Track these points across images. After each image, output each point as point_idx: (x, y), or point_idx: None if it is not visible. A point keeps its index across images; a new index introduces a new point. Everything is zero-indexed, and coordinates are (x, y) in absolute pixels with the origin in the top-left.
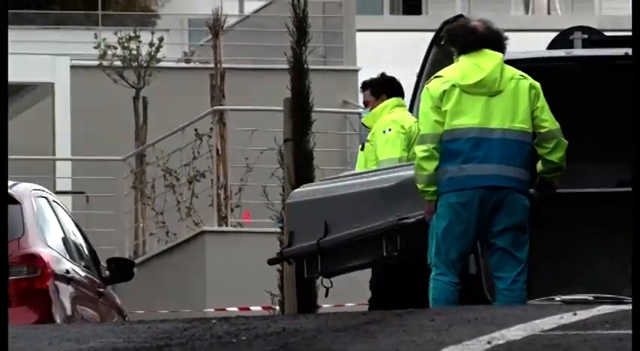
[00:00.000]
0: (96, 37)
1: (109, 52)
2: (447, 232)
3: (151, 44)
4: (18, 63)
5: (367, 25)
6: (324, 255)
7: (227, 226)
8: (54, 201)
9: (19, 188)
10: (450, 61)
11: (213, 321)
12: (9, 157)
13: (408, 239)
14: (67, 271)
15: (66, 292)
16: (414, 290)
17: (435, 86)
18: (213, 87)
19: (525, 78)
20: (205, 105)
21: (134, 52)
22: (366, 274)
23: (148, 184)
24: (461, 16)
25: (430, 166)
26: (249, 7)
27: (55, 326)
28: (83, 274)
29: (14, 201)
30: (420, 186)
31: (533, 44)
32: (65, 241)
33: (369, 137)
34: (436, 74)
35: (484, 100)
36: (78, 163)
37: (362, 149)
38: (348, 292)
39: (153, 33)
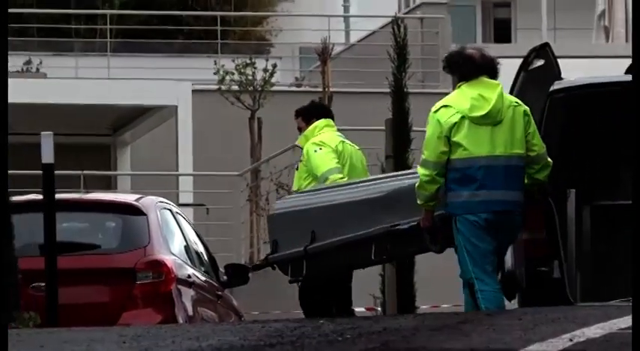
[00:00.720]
0: (215, 64)
1: (227, 77)
2: (476, 248)
3: (265, 70)
4: (146, 87)
5: None
6: (310, 260)
7: None
8: (177, 212)
9: (145, 201)
10: (535, 85)
11: (321, 321)
12: (138, 172)
13: (399, 245)
14: (189, 276)
15: (187, 295)
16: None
17: (445, 117)
18: None
19: (520, 105)
20: None
21: (250, 77)
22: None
23: (262, 197)
24: (547, 44)
25: (432, 188)
26: (355, 37)
27: (178, 326)
28: (203, 278)
29: (141, 212)
30: (420, 202)
31: (613, 70)
32: (187, 248)
33: (301, 157)
34: (444, 103)
35: (489, 129)
36: (199, 178)
37: (297, 169)
38: (444, 295)
39: (267, 60)
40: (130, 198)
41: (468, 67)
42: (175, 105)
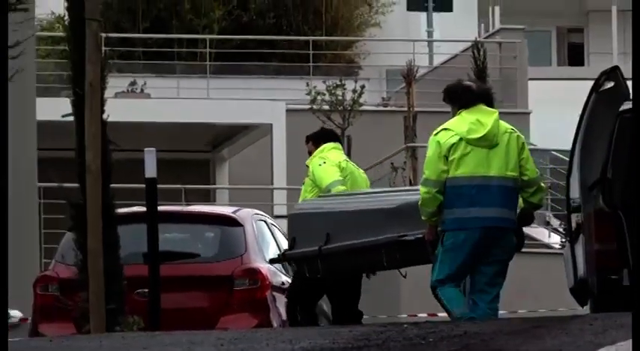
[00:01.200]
0: (307, 85)
1: (319, 97)
2: (455, 262)
3: (354, 91)
4: (243, 107)
5: (537, 75)
6: (324, 260)
7: None
8: (271, 224)
9: (242, 213)
10: (606, 106)
11: (405, 325)
12: (235, 186)
13: (405, 253)
14: (282, 283)
15: (281, 300)
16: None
17: (444, 138)
18: (407, 127)
19: (515, 132)
20: (399, 142)
21: (340, 97)
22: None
23: None
24: (617, 67)
25: (434, 205)
26: (437, 60)
27: (272, 330)
28: None
29: (238, 224)
30: (424, 217)
31: None
32: None
33: (308, 173)
34: (444, 127)
35: (485, 152)
36: (292, 191)
37: (303, 184)
38: (520, 301)
39: (356, 81)
40: (227, 210)
41: (467, 96)
42: (270, 123)
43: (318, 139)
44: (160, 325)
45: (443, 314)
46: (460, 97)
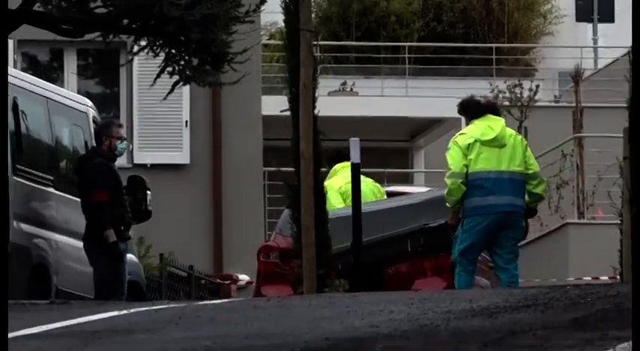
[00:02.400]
0: (491, 85)
1: (500, 95)
2: (472, 244)
3: (530, 90)
4: (436, 104)
5: None
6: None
7: (584, 219)
8: None
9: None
10: None
11: (568, 287)
12: (430, 170)
13: (428, 239)
14: None
15: None
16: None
17: (462, 140)
18: (575, 120)
19: (518, 135)
20: (568, 133)
21: (518, 95)
22: None
23: None
24: None
25: (458, 194)
26: (601, 63)
27: (455, 291)
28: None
29: None
30: (449, 205)
31: None
32: None
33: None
34: (461, 132)
35: (497, 151)
36: None
37: None
38: None
39: (532, 82)
40: (421, 190)
41: (477, 108)
42: (459, 118)
43: (329, 161)
44: (362, 288)
45: (604, 278)
46: (471, 110)
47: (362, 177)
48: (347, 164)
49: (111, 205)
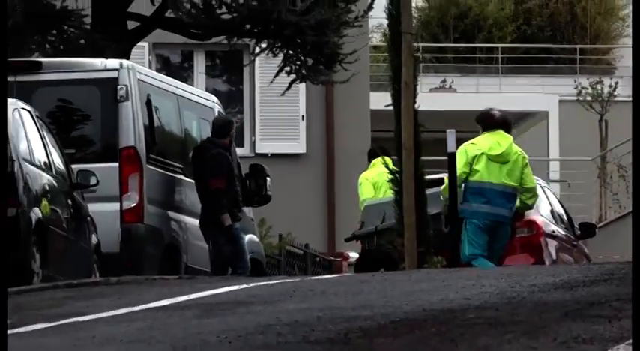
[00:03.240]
0: (575, 82)
1: (583, 91)
2: (476, 241)
3: (610, 86)
4: (526, 99)
5: None
6: (379, 235)
7: None
8: (544, 187)
9: None
10: None
11: None
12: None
13: (434, 224)
14: (553, 231)
15: (552, 244)
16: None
17: (471, 150)
18: None
19: (522, 153)
20: None
21: (599, 91)
22: None
23: (608, 175)
24: None
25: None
26: None
27: (540, 266)
28: (563, 233)
29: None
30: (442, 199)
31: None
32: (552, 211)
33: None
34: (471, 142)
35: (499, 165)
36: (564, 162)
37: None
38: None
39: (611, 79)
40: None
41: (489, 122)
42: (547, 110)
43: (369, 157)
44: (460, 264)
45: None
46: (486, 122)
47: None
48: (379, 160)
49: (226, 191)
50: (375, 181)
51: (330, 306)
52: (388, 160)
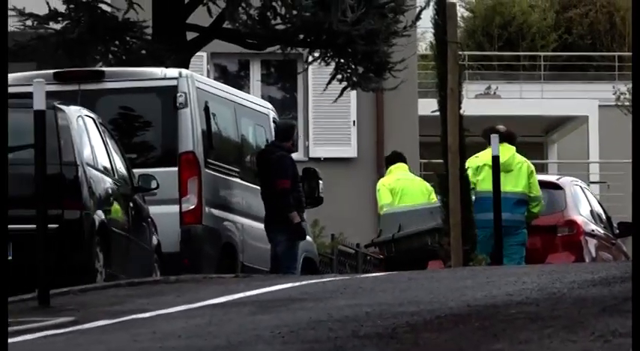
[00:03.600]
0: (614, 88)
1: (622, 97)
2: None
3: None
4: (567, 104)
5: None
6: (396, 242)
7: None
8: (585, 188)
9: (563, 180)
10: None
11: None
12: (562, 160)
13: (440, 237)
14: (592, 230)
15: (592, 243)
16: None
17: (473, 163)
18: None
19: (526, 162)
20: None
21: None
22: None
23: None
24: None
25: None
26: None
27: (580, 264)
28: (602, 232)
29: (560, 187)
30: None
31: None
32: (591, 211)
33: None
34: (475, 155)
35: (503, 174)
36: (604, 165)
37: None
38: None
39: None
40: (553, 178)
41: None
42: (587, 115)
43: (387, 163)
44: (503, 262)
45: None
46: (489, 137)
47: (414, 176)
48: (400, 165)
49: (291, 191)
50: (392, 187)
51: (379, 302)
52: (404, 165)
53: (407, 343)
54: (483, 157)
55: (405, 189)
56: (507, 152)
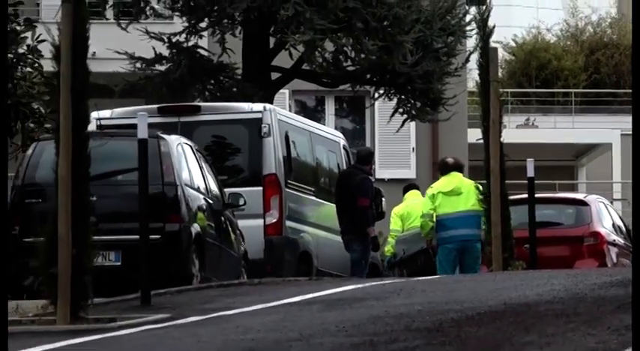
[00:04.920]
0: None
1: None
2: (446, 263)
3: None
4: (594, 133)
5: None
6: (402, 263)
7: None
8: (607, 204)
9: (589, 197)
10: None
11: None
12: (590, 181)
13: (425, 258)
14: (614, 240)
15: (613, 251)
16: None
17: (430, 192)
18: None
19: (472, 184)
20: None
21: None
22: None
23: None
24: None
25: (427, 228)
26: None
27: (601, 268)
28: (622, 241)
29: (586, 204)
30: (423, 235)
31: None
32: (613, 224)
33: None
34: (431, 186)
35: (454, 197)
36: (625, 184)
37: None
38: None
39: None
40: (580, 196)
41: (444, 168)
42: (611, 143)
43: (403, 192)
44: (537, 267)
45: None
46: (441, 168)
47: (421, 198)
48: (413, 192)
49: (369, 208)
50: (401, 214)
51: (429, 301)
52: (417, 192)
53: (451, 335)
54: (437, 185)
55: (411, 212)
56: (456, 179)
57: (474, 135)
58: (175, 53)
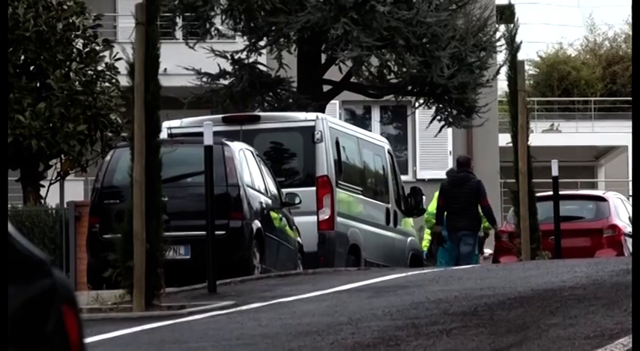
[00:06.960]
0: None
1: None
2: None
3: None
4: (611, 136)
5: None
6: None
7: None
8: (624, 200)
9: (608, 194)
10: None
11: None
12: (608, 179)
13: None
14: (630, 232)
15: (629, 242)
16: None
17: (437, 194)
18: None
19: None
20: None
21: None
22: None
23: None
24: None
25: (431, 222)
26: None
27: (617, 257)
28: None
29: (605, 200)
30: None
31: None
32: (629, 218)
33: None
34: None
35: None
36: None
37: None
38: None
39: None
40: (600, 193)
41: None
42: (626, 145)
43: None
44: (561, 256)
45: None
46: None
47: None
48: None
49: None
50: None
51: (464, 288)
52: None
53: (484, 318)
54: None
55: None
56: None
57: (504, 139)
58: (237, 69)
